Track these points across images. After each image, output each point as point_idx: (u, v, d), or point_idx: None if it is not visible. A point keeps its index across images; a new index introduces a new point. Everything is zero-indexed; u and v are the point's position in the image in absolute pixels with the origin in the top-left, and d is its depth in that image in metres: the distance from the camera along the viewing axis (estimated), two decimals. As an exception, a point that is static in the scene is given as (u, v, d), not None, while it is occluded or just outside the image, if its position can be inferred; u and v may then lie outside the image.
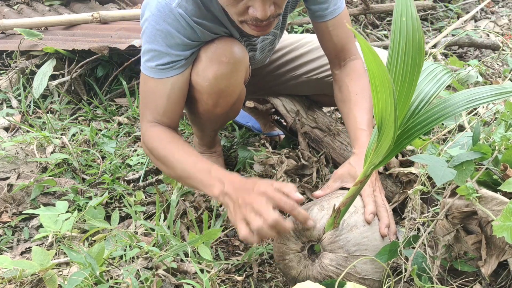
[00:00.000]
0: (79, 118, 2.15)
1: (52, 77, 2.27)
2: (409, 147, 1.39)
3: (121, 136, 1.97)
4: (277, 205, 0.97)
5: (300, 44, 1.64)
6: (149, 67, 1.18)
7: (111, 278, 1.11)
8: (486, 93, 0.79)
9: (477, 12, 3.34)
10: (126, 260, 1.16)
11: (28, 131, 1.94)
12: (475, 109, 1.57)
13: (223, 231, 1.31)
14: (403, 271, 0.94)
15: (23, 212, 1.43)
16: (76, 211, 1.33)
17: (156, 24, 1.13)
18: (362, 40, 0.62)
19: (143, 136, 1.24)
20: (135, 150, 1.82)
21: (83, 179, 1.63)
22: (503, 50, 2.22)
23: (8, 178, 1.57)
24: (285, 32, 1.80)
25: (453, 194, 0.99)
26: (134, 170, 1.69)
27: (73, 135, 1.94)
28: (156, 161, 1.23)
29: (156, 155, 1.20)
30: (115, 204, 1.51)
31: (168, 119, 1.23)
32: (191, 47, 1.18)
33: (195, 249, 1.18)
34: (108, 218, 1.38)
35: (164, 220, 1.34)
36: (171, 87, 1.19)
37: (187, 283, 1.06)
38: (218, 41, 1.19)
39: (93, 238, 1.30)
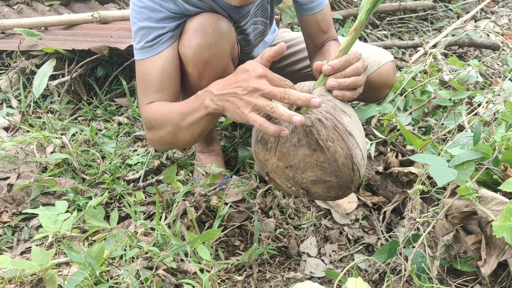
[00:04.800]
0: (79, 118, 2.15)
1: (52, 77, 2.27)
2: (409, 147, 1.39)
3: (121, 136, 1.97)
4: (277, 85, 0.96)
5: (299, 40, 1.69)
6: (139, 48, 1.23)
7: (111, 278, 1.11)
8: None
9: (477, 12, 3.34)
10: (126, 260, 1.16)
11: (28, 131, 1.94)
12: (475, 109, 1.57)
13: (223, 231, 1.31)
14: (403, 270, 0.94)
15: (23, 212, 1.43)
16: (76, 211, 1.33)
17: (139, 2, 1.19)
18: None
19: (143, 118, 1.27)
20: (135, 150, 1.82)
21: (83, 179, 1.63)
22: (503, 50, 2.22)
23: (8, 178, 1.57)
24: (287, 30, 1.84)
25: (453, 194, 0.99)
26: (134, 170, 1.69)
27: (73, 135, 1.94)
28: (157, 131, 1.24)
29: (154, 123, 1.23)
30: (115, 204, 1.51)
31: (166, 94, 1.25)
32: (176, 19, 1.23)
33: (195, 249, 1.18)
34: (108, 218, 1.38)
35: (164, 220, 1.34)
36: (163, 62, 1.23)
37: (187, 283, 1.06)
38: (204, 14, 1.23)
39: (93, 238, 1.30)
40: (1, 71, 2.52)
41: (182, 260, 1.19)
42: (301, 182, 0.97)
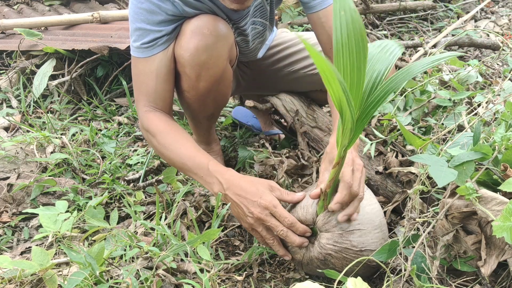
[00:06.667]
0: (79, 118, 2.15)
1: (52, 77, 2.27)
2: (409, 147, 1.39)
3: (121, 136, 1.97)
4: (278, 219, 1.06)
5: (298, 40, 1.69)
6: (136, 47, 1.24)
7: (111, 278, 1.11)
8: (423, 64, 0.84)
9: (477, 12, 3.34)
10: (126, 260, 1.16)
11: (28, 131, 1.94)
12: (475, 109, 1.57)
13: (222, 231, 1.31)
14: (403, 270, 0.94)
15: (23, 212, 1.43)
16: (76, 211, 1.33)
17: (138, 3, 1.19)
18: (306, 44, 0.62)
19: (141, 121, 1.29)
20: (135, 150, 1.82)
21: (83, 179, 1.63)
22: (503, 50, 2.22)
23: (8, 178, 1.57)
24: (286, 30, 1.84)
25: (453, 194, 0.99)
26: (134, 170, 1.69)
27: (73, 135, 1.94)
28: (155, 148, 1.29)
29: (156, 144, 1.26)
30: (115, 204, 1.51)
31: (161, 101, 1.27)
32: (173, 22, 1.23)
33: (195, 249, 1.17)
34: (108, 218, 1.38)
35: (164, 220, 1.34)
36: (158, 65, 1.24)
37: (187, 283, 1.06)
38: (202, 16, 1.23)
39: (93, 238, 1.30)
40: (1, 71, 2.53)
41: (182, 260, 1.19)
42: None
